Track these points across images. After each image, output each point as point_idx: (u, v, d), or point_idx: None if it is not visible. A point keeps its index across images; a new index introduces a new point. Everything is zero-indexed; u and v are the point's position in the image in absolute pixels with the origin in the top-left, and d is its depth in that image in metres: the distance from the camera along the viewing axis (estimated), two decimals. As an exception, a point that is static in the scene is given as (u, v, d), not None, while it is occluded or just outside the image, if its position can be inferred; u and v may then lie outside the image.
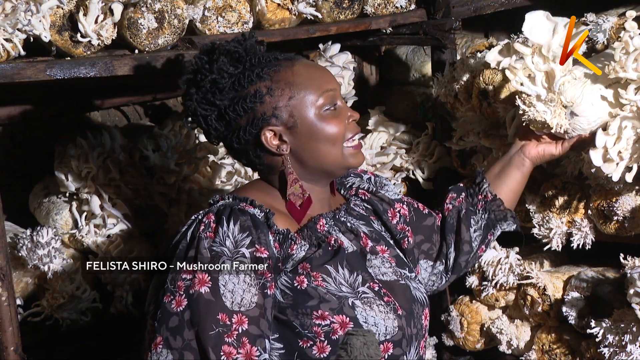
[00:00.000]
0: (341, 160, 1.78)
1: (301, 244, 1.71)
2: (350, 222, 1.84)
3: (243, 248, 1.63)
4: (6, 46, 2.00)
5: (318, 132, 1.75)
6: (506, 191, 2.16)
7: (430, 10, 2.89)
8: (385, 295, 1.70)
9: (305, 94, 1.75)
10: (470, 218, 2.11)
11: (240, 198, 1.73)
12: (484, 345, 3.02)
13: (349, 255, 1.73)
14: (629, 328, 2.46)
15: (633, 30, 2.41)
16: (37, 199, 2.59)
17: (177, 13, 2.24)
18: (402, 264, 1.85)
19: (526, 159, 2.16)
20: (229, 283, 1.60)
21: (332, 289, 1.66)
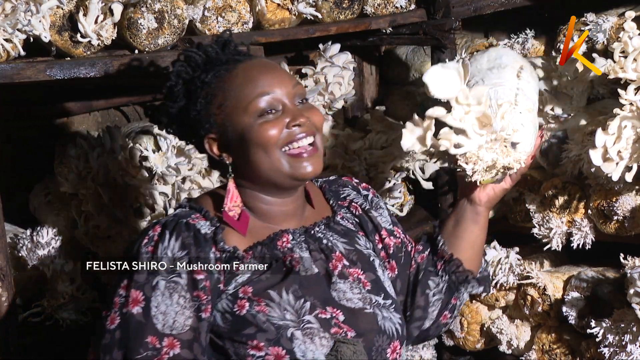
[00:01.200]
0: (280, 169, 1.61)
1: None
2: (326, 239, 1.69)
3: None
4: (6, 46, 2.00)
5: (249, 139, 1.60)
6: (465, 248, 1.89)
7: (430, 10, 2.89)
8: (336, 326, 1.56)
9: (237, 99, 1.62)
10: (428, 280, 1.88)
11: (196, 208, 1.64)
12: (484, 345, 3.02)
13: (304, 278, 1.60)
14: (629, 328, 2.46)
15: (632, 30, 2.42)
16: (37, 199, 2.59)
17: (177, 13, 2.24)
18: (377, 290, 1.68)
19: (479, 207, 1.89)
20: (161, 304, 1.51)
21: (275, 315, 1.53)
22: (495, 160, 1.72)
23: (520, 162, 1.76)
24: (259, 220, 1.67)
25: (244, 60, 1.67)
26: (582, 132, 2.58)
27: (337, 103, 2.79)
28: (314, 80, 2.76)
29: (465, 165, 1.73)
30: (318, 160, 1.64)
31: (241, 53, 1.72)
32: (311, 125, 1.64)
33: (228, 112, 1.63)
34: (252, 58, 1.70)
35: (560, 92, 2.67)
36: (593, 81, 2.68)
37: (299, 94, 1.66)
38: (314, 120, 1.65)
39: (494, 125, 1.69)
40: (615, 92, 2.42)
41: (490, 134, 1.68)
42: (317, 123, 1.66)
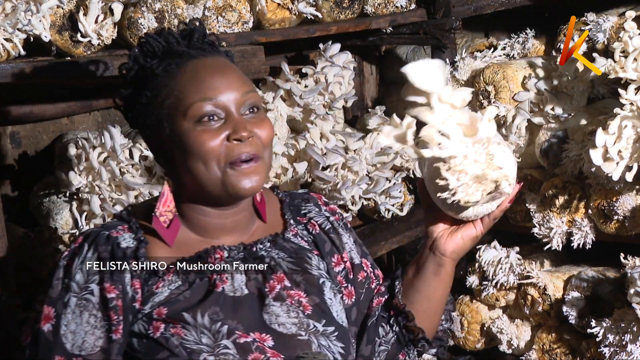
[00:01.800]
0: (217, 183, 1.47)
1: (170, 281, 1.47)
2: (269, 257, 1.55)
3: (93, 284, 1.44)
4: (6, 46, 2.00)
5: (186, 146, 1.46)
6: (420, 301, 1.66)
7: (430, 10, 2.89)
8: (258, 351, 1.44)
9: (178, 99, 1.47)
10: (379, 326, 1.68)
11: (125, 218, 1.53)
12: (484, 344, 3.02)
13: (231, 299, 1.48)
14: (629, 328, 2.46)
15: (632, 30, 2.42)
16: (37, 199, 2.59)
17: (177, 13, 2.24)
18: (318, 316, 1.53)
19: (443, 259, 1.63)
20: (71, 323, 1.42)
21: (190, 339, 1.43)
22: (483, 174, 1.45)
23: (508, 181, 1.47)
24: (193, 233, 1.54)
25: (197, 57, 1.51)
26: (582, 131, 2.58)
27: (337, 103, 2.78)
28: (314, 80, 2.76)
29: (449, 176, 1.45)
30: (260, 176, 1.49)
31: (204, 47, 1.55)
32: (255, 140, 1.48)
33: (168, 111, 1.48)
34: (208, 55, 1.53)
35: (560, 91, 2.67)
36: (593, 81, 2.68)
37: (249, 103, 1.50)
38: (259, 134, 1.49)
39: (480, 132, 1.44)
40: (616, 91, 2.43)
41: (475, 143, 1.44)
42: (264, 138, 1.50)
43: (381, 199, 2.85)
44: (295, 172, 2.68)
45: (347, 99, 2.83)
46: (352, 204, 2.84)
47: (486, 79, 2.76)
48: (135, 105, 1.54)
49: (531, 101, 2.72)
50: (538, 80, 2.70)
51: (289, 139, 2.74)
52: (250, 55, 2.31)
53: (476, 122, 1.44)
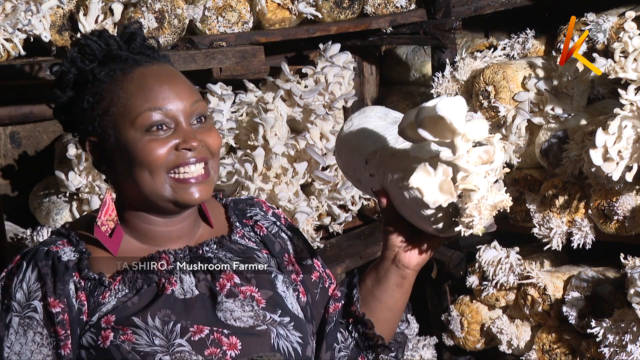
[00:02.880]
0: (163, 193, 1.44)
1: (116, 290, 1.44)
2: (216, 258, 1.54)
3: (35, 301, 1.39)
4: (6, 46, 2.00)
5: (132, 155, 1.43)
6: (381, 310, 1.64)
7: (430, 10, 2.89)
8: (214, 346, 1.42)
9: (125, 107, 1.44)
10: (337, 332, 1.66)
11: (64, 233, 1.49)
12: (484, 345, 3.02)
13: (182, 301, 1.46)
14: (629, 328, 2.46)
15: (632, 30, 2.42)
16: (37, 199, 2.59)
17: (177, 13, 2.24)
18: (273, 307, 1.52)
19: (407, 271, 1.60)
20: (15, 344, 1.38)
21: (142, 343, 1.39)
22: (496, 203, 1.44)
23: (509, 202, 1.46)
24: (137, 241, 1.51)
25: (143, 64, 1.48)
26: (582, 131, 2.58)
27: (337, 103, 2.79)
28: (314, 80, 2.76)
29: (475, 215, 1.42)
30: (207, 186, 1.47)
31: (147, 52, 1.52)
32: (204, 149, 1.46)
33: (114, 119, 1.44)
34: (154, 62, 1.50)
35: (560, 92, 2.67)
36: (593, 81, 2.68)
37: (197, 113, 1.48)
38: (209, 143, 1.47)
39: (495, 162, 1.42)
40: (616, 92, 2.43)
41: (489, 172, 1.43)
42: (213, 147, 1.48)
43: (381, 199, 2.85)
44: (295, 172, 2.69)
45: (347, 99, 2.83)
46: (352, 204, 2.84)
47: (486, 79, 2.76)
48: (74, 110, 1.50)
49: (531, 101, 2.72)
50: (538, 80, 2.70)
51: (289, 139, 2.74)
52: (250, 55, 2.31)
53: (492, 154, 1.42)
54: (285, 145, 2.69)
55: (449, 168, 1.39)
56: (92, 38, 1.49)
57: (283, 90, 2.69)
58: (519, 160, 2.81)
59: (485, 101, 2.77)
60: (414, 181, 1.39)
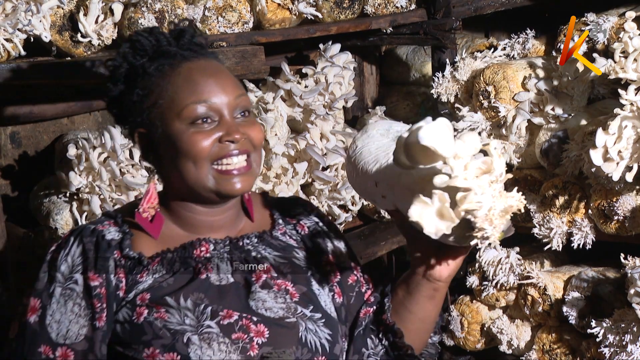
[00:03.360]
0: (206, 184, 1.50)
1: (154, 270, 1.50)
2: (256, 252, 1.59)
3: (77, 274, 1.47)
4: (6, 46, 2.00)
5: (178, 147, 1.49)
6: (412, 321, 1.65)
7: (430, 10, 2.89)
8: (241, 331, 1.47)
9: (172, 100, 1.50)
10: (368, 338, 1.68)
11: (112, 214, 1.57)
12: (484, 345, 3.02)
13: (216, 287, 1.51)
14: (629, 328, 2.46)
15: (632, 30, 2.42)
16: (37, 199, 2.59)
17: (177, 13, 2.24)
18: (306, 302, 1.56)
19: (439, 284, 1.59)
20: (56, 312, 1.45)
21: (173, 321, 1.45)
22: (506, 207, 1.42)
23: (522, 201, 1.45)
24: (180, 228, 1.57)
25: (191, 59, 1.54)
26: (582, 132, 2.58)
27: (337, 103, 2.79)
28: (314, 80, 2.76)
29: (487, 227, 1.40)
30: (249, 178, 1.52)
31: (195, 48, 1.58)
32: (247, 142, 1.52)
33: (161, 112, 1.51)
34: (201, 57, 1.56)
35: (560, 92, 2.67)
36: (593, 81, 2.68)
37: (241, 106, 1.54)
38: (251, 136, 1.53)
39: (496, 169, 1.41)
40: (616, 92, 2.43)
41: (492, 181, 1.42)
42: (256, 140, 1.54)
43: (381, 199, 2.85)
44: (295, 172, 2.68)
45: (347, 99, 2.83)
46: (352, 204, 2.84)
47: (486, 79, 2.76)
48: (125, 103, 1.56)
49: (531, 101, 2.72)
50: (538, 81, 2.70)
51: (289, 139, 2.74)
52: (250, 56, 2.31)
53: (491, 164, 1.40)
54: (286, 145, 2.69)
55: (444, 194, 1.37)
56: (144, 34, 1.56)
57: (283, 90, 2.69)
58: (519, 160, 2.81)
59: (486, 101, 2.76)
60: (412, 214, 1.37)
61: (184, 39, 1.57)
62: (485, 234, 1.41)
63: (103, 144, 2.37)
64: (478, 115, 2.76)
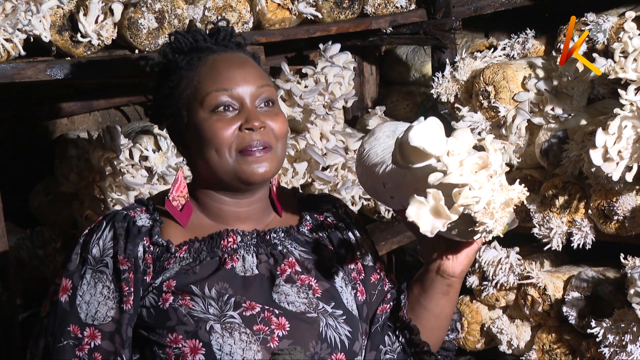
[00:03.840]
0: (229, 170, 1.54)
1: (181, 258, 1.55)
2: (282, 245, 1.61)
3: (108, 257, 1.52)
4: (6, 46, 2.00)
5: (200, 134, 1.54)
6: (427, 318, 1.67)
7: (430, 10, 2.89)
8: (262, 323, 1.50)
9: (196, 89, 1.56)
10: (386, 335, 1.70)
11: (144, 202, 1.62)
12: (484, 345, 3.02)
13: (241, 278, 1.54)
14: (629, 328, 2.46)
15: (632, 30, 2.42)
16: (37, 199, 2.59)
17: (177, 13, 2.24)
18: (328, 299, 1.59)
19: (453, 280, 1.63)
20: (86, 294, 1.50)
21: (197, 309, 1.49)
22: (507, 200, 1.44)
23: (524, 192, 1.47)
24: (208, 219, 1.61)
25: (219, 52, 1.60)
26: (582, 132, 2.58)
27: (337, 103, 2.79)
28: (314, 80, 2.76)
29: (488, 221, 1.42)
30: (272, 163, 1.55)
31: (229, 45, 1.63)
32: (268, 132, 1.55)
33: (187, 101, 1.57)
34: (229, 50, 1.61)
35: (560, 92, 2.67)
36: (593, 81, 2.68)
37: (264, 96, 1.58)
38: (273, 127, 1.56)
39: (493, 164, 1.42)
40: (616, 92, 2.43)
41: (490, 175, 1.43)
42: (278, 131, 1.57)
43: (381, 199, 2.85)
44: (295, 172, 2.69)
45: (347, 99, 2.83)
46: (352, 204, 2.84)
47: (486, 79, 2.76)
48: (158, 97, 1.63)
49: (531, 101, 2.72)
50: (538, 81, 2.70)
51: (289, 139, 2.74)
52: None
53: (487, 158, 1.42)
54: (285, 145, 2.69)
55: (438, 192, 1.38)
56: (182, 33, 1.63)
57: (283, 90, 2.69)
58: (519, 160, 2.81)
59: (485, 101, 2.76)
60: (409, 215, 1.39)
61: (220, 36, 1.63)
62: (487, 228, 1.43)
63: (103, 144, 2.37)
64: (478, 115, 2.76)
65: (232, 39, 1.64)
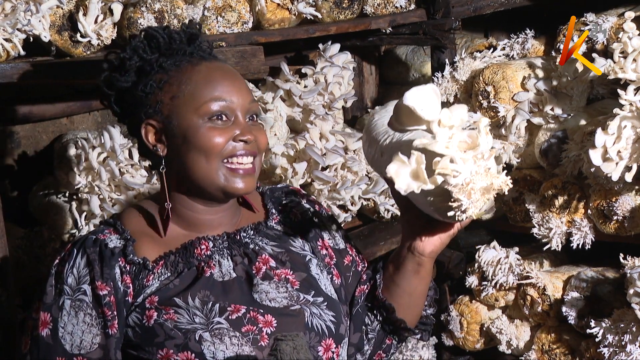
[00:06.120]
0: (214, 178, 1.55)
1: (159, 273, 1.55)
2: (253, 243, 1.64)
3: (85, 285, 1.51)
4: (6, 46, 2.00)
5: (192, 140, 1.54)
6: (401, 295, 1.72)
7: (430, 10, 2.89)
8: (250, 323, 1.52)
9: (191, 96, 1.55)
10: (364, 315, 1.75)
11: (111, 222, 1.62)
12: (483, 345, 3.02)
13: (220, 283, 1.56)
14: (628, 328, 2.46)
15: (632, 31, 2.42)
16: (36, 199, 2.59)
17: (177, 13, 2.24)
18: (307, 288, 1.63)
19: (422, 258, 1.66)
20: (68, 324, 1.49)
21: (183, 321, 1.50)
22: (488, 185, 1.44)
23: (507, 184, 1.47)
24: (180, 228, 1.62)
25: (209, 59, 1.61)
26: (582, 132, 2.58)
27: (337, 103, 2.79)
28: (313, 80, 2.76)
29: (463, 198, 1.43)
30: (251, 179, 1.59)
31: (205, 50, 1.64)
32: (255, 145, 1.59)
33: (178, 105, 1.56)
34: (216, 60, 1.64)
35: (560, 92, 2.67)
36: (593, 81, 2.68)
37: (252, 111, 1.61)
38: (259, 140, 1.60)
39: (481, 147, 1.43)
40: (615, 92, 2.43)
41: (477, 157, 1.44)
42: (262, 145, 1.61)
43: (380, 199, 2.85)
44: (295, 172, 2.69)
45: (346, 99, 2.83)
46: (352, 204, 2.84)
47: (486, 79, 2.76)
48: (134, 95, 1.59)
49: (531, 101, 2.73)
50: (537, 81, 2.70)
51: (288, 139, 2.74)
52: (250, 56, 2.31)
53: (476, 138, 1.44)
54: (285, 145, 2.69)
55: (422, 155, 1.41)
56: (158, 31, 1.61)
57: (283, 90, 2.69)
58: (519, 160, 2.81)
59: (485, 101, 2.77)
60: (388, 170, 1.42)
61: (194, 41, 1.63)
62: (462, 206, 1.44)
63: (102, 143, 2.37)
64: (477, 115, 2.76)
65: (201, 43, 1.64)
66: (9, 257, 2.04)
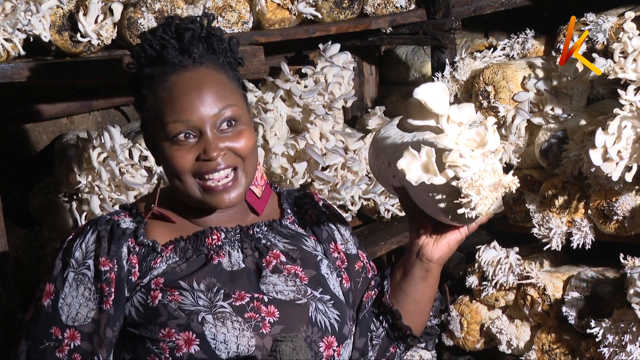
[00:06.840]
0: (194, 194, 1.56)
1: (167, 257, 1.57)
2: (265, 239, 1.65)
3: (89, 259, 1.54)
4: (6, 46, 2.00)
5: (165, 162, 1.56)
6: (408, 302, 1.71)
7: (430, 10, 2.89)
8: (252, 311, 1.53)
9: (157, 116, 1.54)
10: (370, 321, 1.75)
11: (127, 207, 1.65)
12: (483, 345, 3.02)
13: (228, 272, 1.57)
14: (628, 328, 2.46)
15: (632, 31, 2.42)
16: (36, 199, 2.59)
17: (177, 13, 2.24)
18: (315, 285, 1.63)
19: (431, 265, 1.66)
20: (68, 296, 1.53)
21: (187, 303, 1.52)
22: (496, 183, 1.45)
23: (515, 182, 1.48)
24: (194, 218, 1.63)
25: (178, 70, 1.54)
26: (582, 132, 2.58)
27: (337, 103, 2.78)
28: (313, 80, 2.76)
29: (472, 193, 1.43)
30: (236, 191, 1.56)
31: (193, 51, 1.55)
32: (231, 156, 1.55)
33: (152, 124, 1.57)
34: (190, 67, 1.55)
35: (560, 92, 2.67)
36: (593, 81, 2.68)
37: (225, 118, 1.54)
38: (236, 148, 1.55)
39: (489, 145, 1.45)
40: (615, 92, 2.43)
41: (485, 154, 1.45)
42: (242, 151, 1.55)
43: (381, 199, 2.85)
44: (295, 172, 2.68)
45: (346, 99, 2.83)
46: (352, 204, 2.84)
47: (486, 79, 2.76)
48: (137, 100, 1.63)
49: (531, 101, 2.73)
50: (538, 81, 2.70)
51: (288, 139, 2.74)
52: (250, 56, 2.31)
53: (484, 136, 1.46)
54: (285, 145, 2.69)
55: (432, 149, 1.43)
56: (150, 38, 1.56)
57: (283, 90, 2.69)
58: (519, 160, 2.81)
59: (485, 101, 2.77)
60: (399, 164, 1.44)
61: (184, 38, 1.55)
62: (472, 203, 1.45)
63: (102, 144, 2.37)
64: (477, 115, 2.76)
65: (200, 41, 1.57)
66: (9, 257, 2.04)
